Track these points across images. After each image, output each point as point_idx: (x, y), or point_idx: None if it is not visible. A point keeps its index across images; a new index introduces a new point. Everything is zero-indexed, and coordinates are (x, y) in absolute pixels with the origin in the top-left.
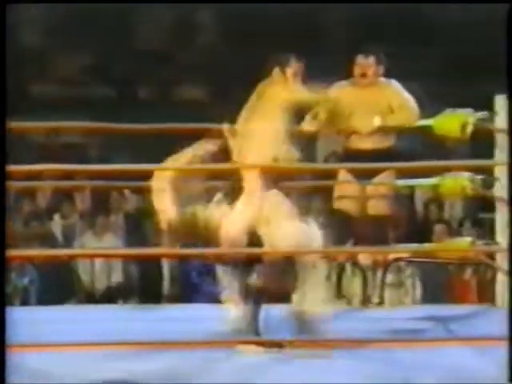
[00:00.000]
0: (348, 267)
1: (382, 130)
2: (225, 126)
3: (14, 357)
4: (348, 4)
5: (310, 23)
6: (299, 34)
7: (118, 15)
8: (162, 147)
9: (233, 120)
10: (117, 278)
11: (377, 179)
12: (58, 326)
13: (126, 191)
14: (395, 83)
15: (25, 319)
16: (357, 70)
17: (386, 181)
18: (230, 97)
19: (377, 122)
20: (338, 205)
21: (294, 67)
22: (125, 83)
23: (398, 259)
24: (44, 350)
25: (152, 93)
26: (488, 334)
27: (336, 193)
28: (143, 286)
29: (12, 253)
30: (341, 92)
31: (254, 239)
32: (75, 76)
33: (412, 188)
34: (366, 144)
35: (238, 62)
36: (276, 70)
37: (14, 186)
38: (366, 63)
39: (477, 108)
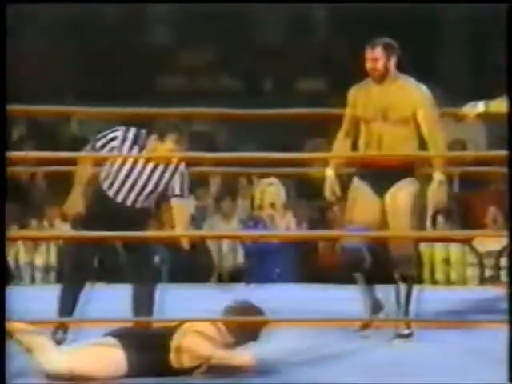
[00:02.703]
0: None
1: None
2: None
3: None
4: None
5: (428, 18)
6: (413, 28)
7: (243, 13)
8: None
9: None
10: (241, 259)
11: None
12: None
13: (254, 177)
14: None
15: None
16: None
17: None
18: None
19: None
20: None
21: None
22: (250, 76)
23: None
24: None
25: (275, 85)
26: None
27: None
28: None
29: (13, 233)
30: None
31: None
32: (203, 69)
33: None
34: None
35: (354, 54)
36: None
37: None
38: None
39: None
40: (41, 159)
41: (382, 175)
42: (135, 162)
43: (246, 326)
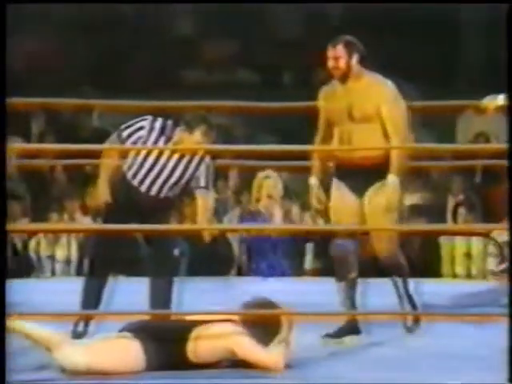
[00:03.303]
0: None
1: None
2: None
3: None
4: None
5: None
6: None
7: (261, 6)
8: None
9: None
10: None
11: None
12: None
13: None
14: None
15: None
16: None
17: None
18: None
19: None
20: None
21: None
22: (267, 69)
23: None
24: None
25: (292, 78)
26: None
27: None
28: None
29: (12, 227)
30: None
31: None
32: (221, 62)
33: None
34: None
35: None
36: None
37: None
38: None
39: None
40: (61, 152)
41: (358, 174)
42: (161, 153)
43: (263, 322)
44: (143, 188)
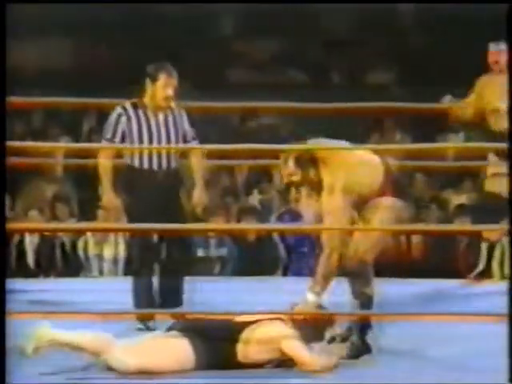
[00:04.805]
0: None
1: None
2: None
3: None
4: None
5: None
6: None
7: (310, 5)
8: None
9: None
10: None
11: None
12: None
13: None
14: None
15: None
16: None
17: None
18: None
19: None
20: (488, 187)
21: None
22: (317, 69)
23: None
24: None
25: (343, 79)
26: None
27: (487, 174)
28: None
29: (14, 225)
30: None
31: None
32: (269, 62)
33: None
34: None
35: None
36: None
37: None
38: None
39: None
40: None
41: None
42: (150, 126)
43: (311, 324)
44: (154, 166)
